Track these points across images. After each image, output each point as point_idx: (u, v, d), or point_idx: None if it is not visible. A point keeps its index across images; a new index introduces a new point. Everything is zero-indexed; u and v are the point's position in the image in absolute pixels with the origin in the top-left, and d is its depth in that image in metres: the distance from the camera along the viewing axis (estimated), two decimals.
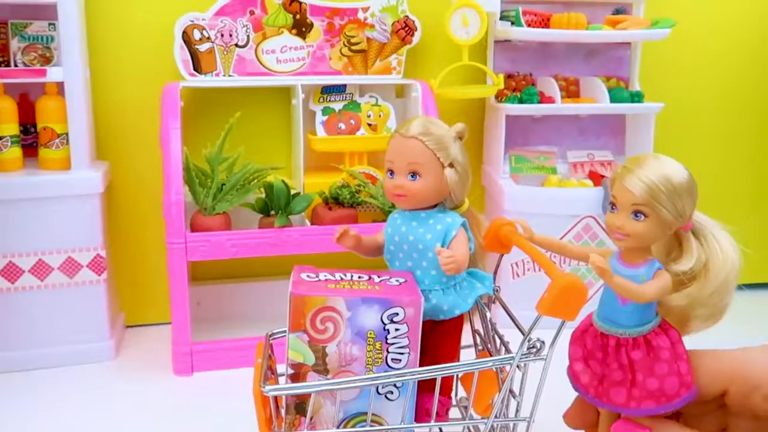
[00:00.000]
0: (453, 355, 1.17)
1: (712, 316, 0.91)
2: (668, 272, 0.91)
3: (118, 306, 2.35)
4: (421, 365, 1.04)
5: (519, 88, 2.46)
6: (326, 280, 1.01)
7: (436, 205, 1.15)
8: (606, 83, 2.46)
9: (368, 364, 0.99)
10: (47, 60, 2.10)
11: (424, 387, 1.07)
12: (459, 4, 2.28)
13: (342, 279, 1.02)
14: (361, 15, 2.32)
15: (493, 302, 1.25)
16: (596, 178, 2.44)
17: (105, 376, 2.07)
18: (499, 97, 2.41)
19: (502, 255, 1.22)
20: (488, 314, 1.23)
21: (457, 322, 1.16)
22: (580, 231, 2.36)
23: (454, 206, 1.17)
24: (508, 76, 2.47)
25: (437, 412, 1.09)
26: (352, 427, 1.03)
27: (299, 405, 1.01)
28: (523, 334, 1.03)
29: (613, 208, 0.91)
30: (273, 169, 2.14)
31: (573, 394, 1.04)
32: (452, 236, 1.12)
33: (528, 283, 2.35)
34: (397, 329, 0.98)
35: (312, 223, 2.15)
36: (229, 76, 2.27)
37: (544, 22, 2.39)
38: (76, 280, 2.10)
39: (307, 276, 1.02)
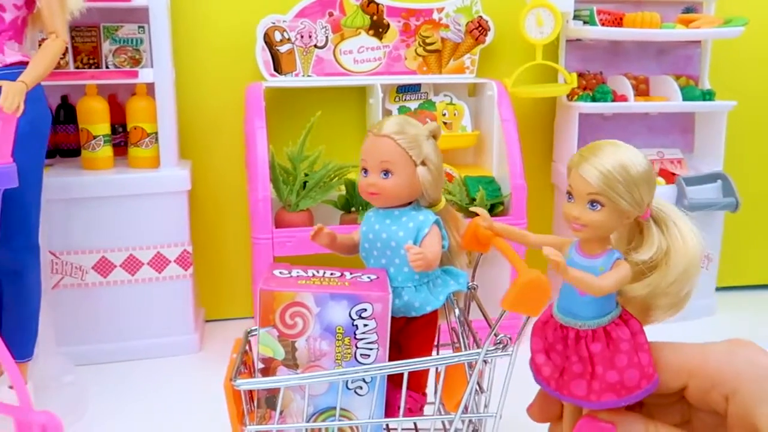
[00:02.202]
0: (426, 351, 1.18)
1: (674, 306, 0.89)
2: (630, 261, 0.88)
3: (200, 301, 2.42)
4: (395, 361, 1.04)
5: (590, 86, 2.48)
6: (297, 276, 1.02)
7: (410, 203, 1.15)
8: (676, 81, 2.47)
9: (337, 359, 1.00)
10: (136, 62, 2.17)
11: (398, 383, 1.07)
12: (533, 5, 2.31)
13: (314, 275, 1.03)
14: (436, 15, 2.36)
15: (470, 300, 1.24)
16: (667, 176, 2.45)
17: (191, 367, 2.13)
18: (571, 95, 2.43)
19: (480, 253, 1.20)
20: (456, 311, 1.22)
21: (429, 319, 1.17)
22: None
23: (430, 204, 1.17)
24: (579, 75, 2.49)
25: (410, 408, 1.11)
26: (322, 421, 1.03)
27: (270, 399, 1.02)
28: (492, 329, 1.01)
29: (569, 198, 0.87)
30: (353, 167, 2.18)
31: (519, 388, 1.01)
32: (424, 234, 1.12)
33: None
34: (365, 325, 0.99)
35: None
36: (308, 76, 2.32)
37: (617, 21, 2.41)
38: (164, 275, 2.17)
39: (280, 272, 1.03)
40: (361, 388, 1.03)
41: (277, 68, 2.30)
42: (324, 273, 1.06)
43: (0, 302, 1.86)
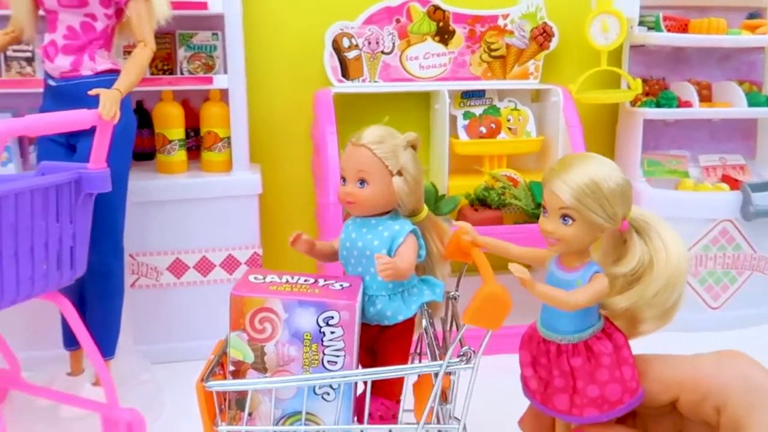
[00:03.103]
0: (399, 359, 1.18)
1: (662, 317, 0.86)
2: (611, 274, 0.87)
3: None
4: (371, 368, 1.06)
5: (652, 92, 2.48)
6: (271, 282, 1.04)
7: (388, 212, 1.15)
8: (739, 87, 2.47)
9: (305, 365, 1.01)
10: (210, 68, 2.22)
11: (374, 390, 1.08)
12: (599, 11, 2.32)
13: (287, 282, 1.04)
14: (501, 22, 2.38)
15: (448, 309, 1.22)
16: (731, 182, 2.44)
17: None
18: (635, 101, 2.44)
19: (465, 264, 1.18)
20: (424, 321, 1.22)
21: (403, 328, 1.17)
22: (717, 235, 2.37)
23: (411, 213, 1.16)
24: (642, 81, 2.49)
25: (381, 416, 1.11)
26: (290, 424, 1.04)
27: (240, 401, 1.03)
28: (462, 343, 1.00)
29: (544, 212, 0.87)
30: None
31: (510, 400, 1.03)
32: (399, 243, 1.12)
33: None
34: (332, 332, 1.00)
35: None
36: (375, 81, 2.36)
37: (683, 27, 2.41)
38: (235, 277, 2.21)
39: (254, 278, 1.04)
40: (328, 393, 1.04)
41: (345, 74, 2.34)
42: (298, 279, 1.07)
43: (83, 302, 1.92)
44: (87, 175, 1.60)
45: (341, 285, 1.06)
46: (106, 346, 1.92)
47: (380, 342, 1.16)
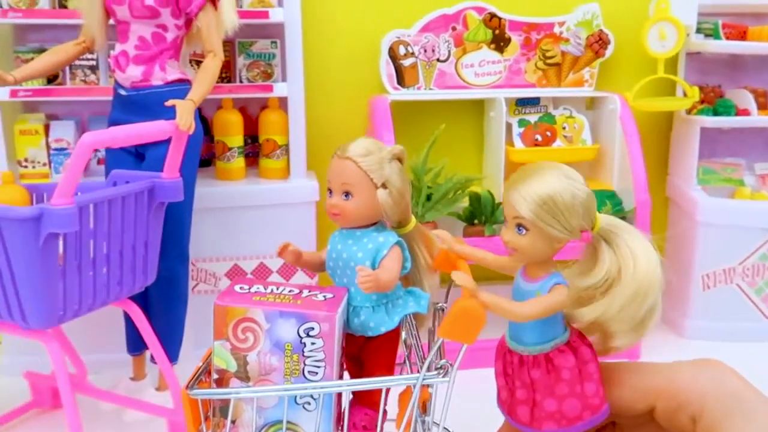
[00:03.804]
0: (383, 370, 1.18)
1: (634, 331, 0.83)
2: (578, 286, 0.84)
3: None
4: (357, 378, 1.08)
5: (708, 100, 2.46)
6: (255, 292, 1.03)
7: (374, 224, 1.14)
8: None
9: (286, 375, 1.02)
10: (268, 75, 2.24)
11: (355, 400, 1.11)
12: (657, 18, 2.30)
13: (272, 292, 1.03)
14: (557, 29, 2.38)
15: (435, 321, 1.22)
16: None
17: None
18: (691, 109, 2.42)
19: (449, 284, 1.15)
20: (403, 333, 1.20)
21: (387, 339, 1.16)
22: None
23: (398, 225, 1.15)
24: (698, 88, 2.47)
25: (365, 426, 1.13)
26: None
27: (223, 408, 1.05)
28: (441, 355, 1.00)
29: (505, 222, 0.86)
30: (478, 179, 2.22)
31: (486, 413, 1.03)
32: (383, 255, 1.10)
33: (719, 294, 2.35)
34: (313, 343, 1.01)
35: None
36: (430, 89, 2.36)
37: (741, 35, 2.39)
38: (293, 282, 2.23)
39: (240, 287, 1.04)
40: (309, 403, 1.06)
41: (400, 81, 2.34)
42: (283, 290, 1.08)
43: (148, 308, 1.94)
44: (161, 184, 1.62)
45: (324, 296, 1.06)
46: (171, 352, 1.94)
47: (365, 352, 1.15)
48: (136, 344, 2.01)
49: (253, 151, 2.31)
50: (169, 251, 1.84)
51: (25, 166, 2.17)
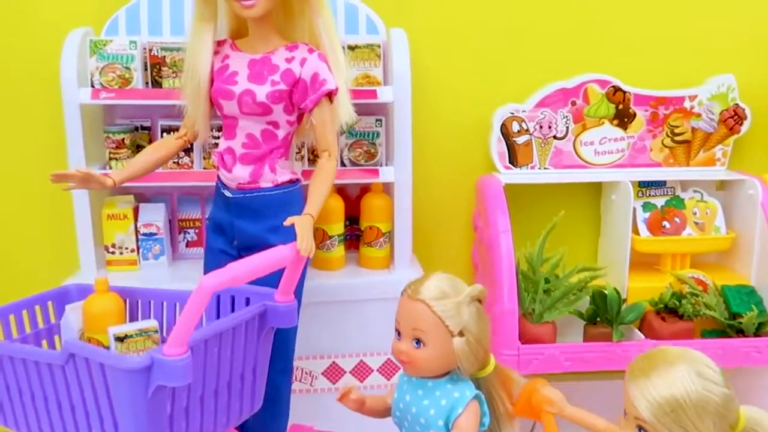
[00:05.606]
0: None
1: None
2: None
3: None
4: None
5: None
6: None
7: (447, 373, 1.07)
8: None
9: None
10: (371, 156, 2.06)
11: None
12: None
13: None
14: (687, 104, 2.15)
15: None
16: None
17: None
18: None
19: (534, 422, 1.13)
20: None
21: None
22: None
23: (478, 368, 1.07)
24: None
25: None
26: None
27: None
28: None
29: (624, 414, 0.95)
30: (600, 271, 2.00)
31: None
32: (458, 413, 1.03)
33: None
34: None
35: (645, 336, 1.98)
36: (545, 168, 2.16)
37: None
38: (393, 382, 2.04)
39: None
40: None
41: (512, 160, 2.14)
42: None
43: (244, 426, 1.77)
44: (273, 309, 1.45)
45: None
46: None
47: None
48: None
49: (352, 233, 2.14)
50: (274, 366, 1.66)
51: (113, 252, 2.03)
